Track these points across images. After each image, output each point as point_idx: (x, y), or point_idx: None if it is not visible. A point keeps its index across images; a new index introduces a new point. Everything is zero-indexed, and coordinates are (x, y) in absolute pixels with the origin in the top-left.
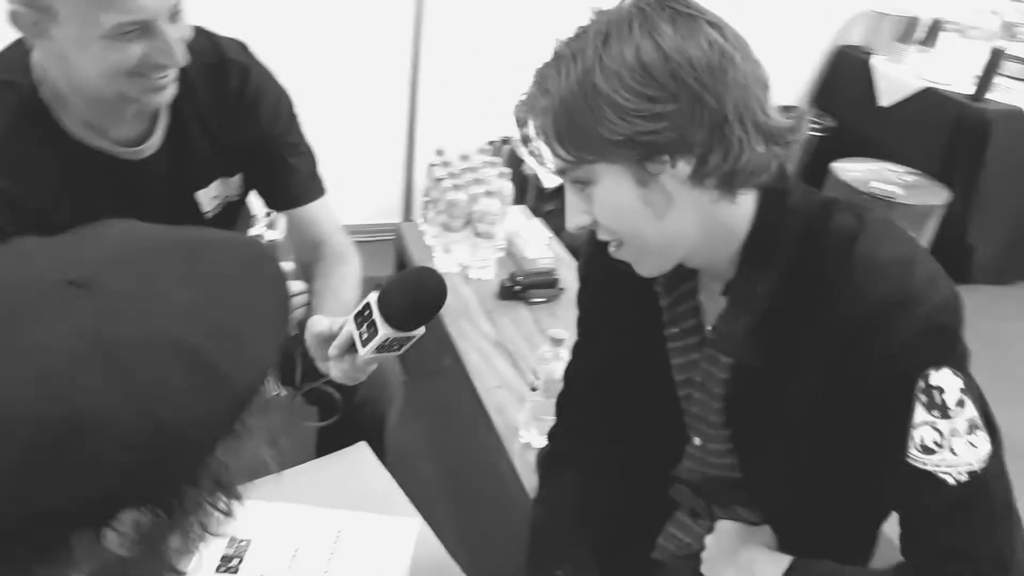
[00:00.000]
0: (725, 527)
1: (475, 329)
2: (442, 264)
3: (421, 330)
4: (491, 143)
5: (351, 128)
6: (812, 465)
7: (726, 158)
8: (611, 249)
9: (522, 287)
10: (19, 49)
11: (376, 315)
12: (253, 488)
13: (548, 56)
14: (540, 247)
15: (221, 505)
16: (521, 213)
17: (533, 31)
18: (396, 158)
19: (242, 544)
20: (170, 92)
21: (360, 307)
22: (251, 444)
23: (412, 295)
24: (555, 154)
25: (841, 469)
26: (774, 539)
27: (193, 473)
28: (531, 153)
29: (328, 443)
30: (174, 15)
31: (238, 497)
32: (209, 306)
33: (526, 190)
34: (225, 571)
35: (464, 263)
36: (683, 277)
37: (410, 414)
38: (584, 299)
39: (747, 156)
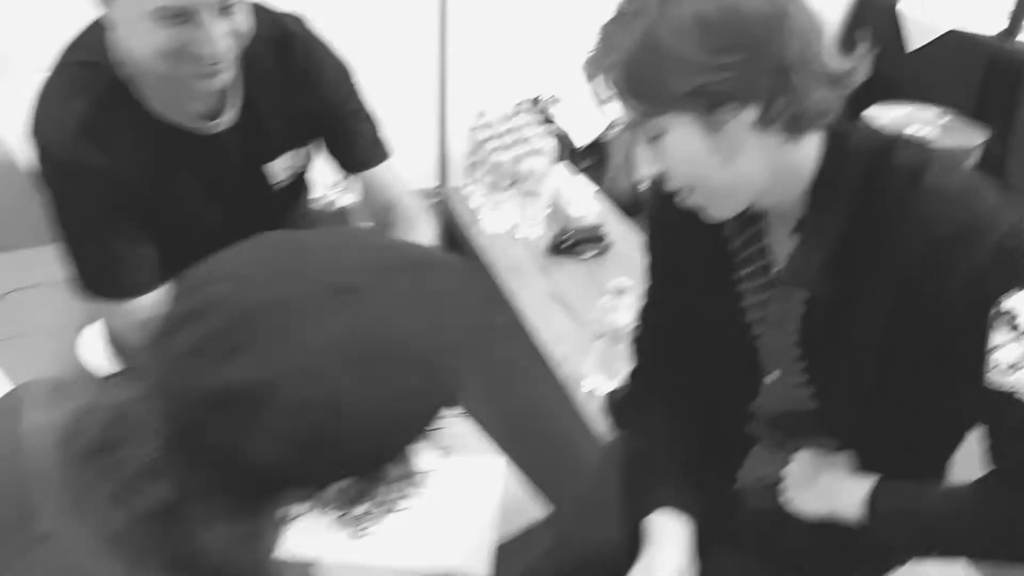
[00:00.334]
0: (804, 455)
1: (529, 285)
2: (490, 225)
3: None
4: (519, 104)
5: (382, 97)
6: (889, 392)
7: (790, 103)
8: (680, 197)
9: (572, 243)
10: (96, 31)
11: None
12: None
13: (611, 14)
14: (585, 203)
15: (403, 483)
16: (564, 170)
17: None
18: (429, 123)
19: None
20: (224, 78)
21: None
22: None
23: None
24: (625, 108)
25: (918, 394)
26: (853, 464)
27: (397, 456)
28: (601, 103)
29: None
30: (224, 8)
31: (417, 481)
32: (439, 323)
33: (559, 149)
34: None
35: (512, 223)
36: (751, 219)
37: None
38: (653, 245)
39: (810, 100)
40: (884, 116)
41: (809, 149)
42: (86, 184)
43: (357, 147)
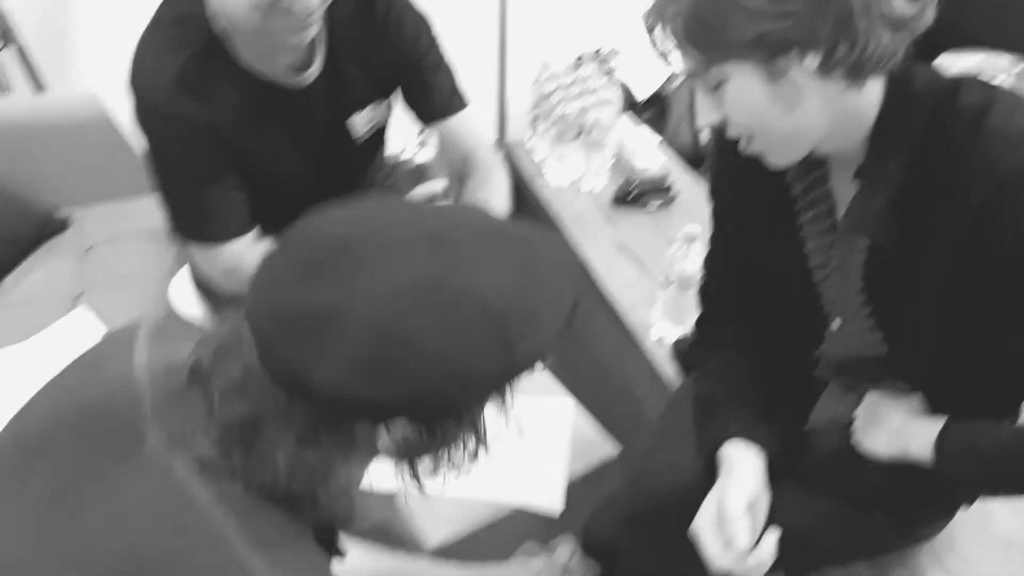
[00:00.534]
0: (875, 396)
1: (596, 237)
2: (554, 177)
3: None
4: (579, 58)
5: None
6: (957, 335)
7: (852, 49)
8: (742, 144)
9: (637, 194)
10: None
11: None
12: None
13: None
14: (649, 154)
15: (471, 447)
16: (628, 121)
17: None
18: (489, 78)
19: None
20: (313, 31)
21: None
22: (503, 409)
23: None
24: (686, 57)
25: (986, 337)
26: (923, 406)
27: (460, 413)
28: (661, 54)
29: None
30: None
31: (487, 445)
32: (524, 290)
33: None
34: None
35: (577, 175)
36: (813, 165)
37: None
38: (717, 193)
39: (873, 46)
40: (955, 65)
41: (871, 94)
42: (182, 133)
43: (435, 98)
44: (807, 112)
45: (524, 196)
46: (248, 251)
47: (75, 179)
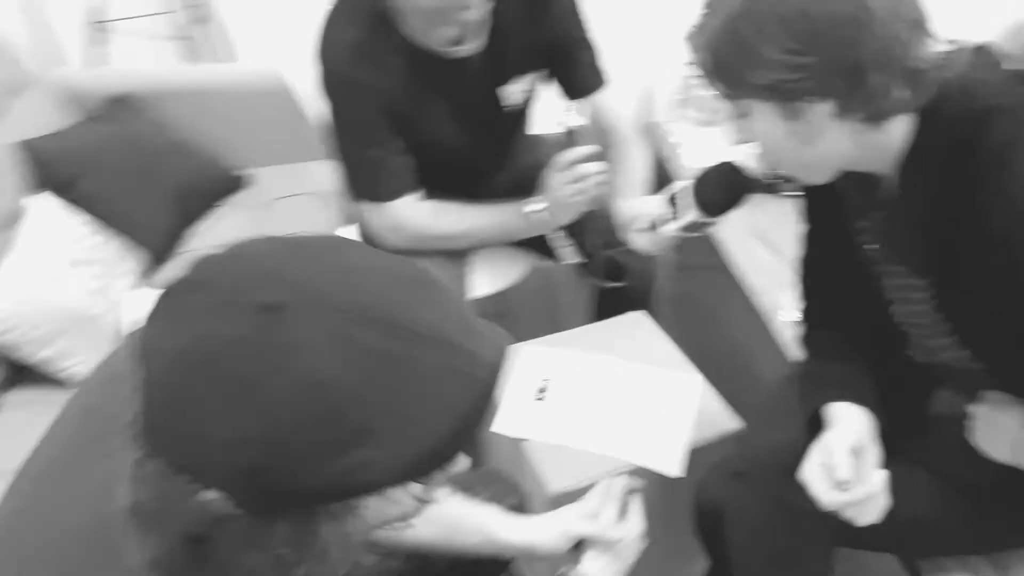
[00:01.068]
0: (994, 396)
1: (732, 220)
2: (691, 160)
3: (720, 219)
4: None
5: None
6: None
7: (866, 102)
8: (772, 166)
9: (774, 180)
10: None
11: (691, 198)
12: (553, 340)
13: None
14: None
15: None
16: None
17: None
18: (637, 60)
19: (547, 380)
20: (475, 13)
21: (675, 191)
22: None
23: (725, 187)
24: (713, 87)
25: None
26: None
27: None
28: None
29: (605, 310)
30: None
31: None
32: (446, 320)
33: None
34: (535, 400)
35: (714, 158)
36: (867, 183)
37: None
38: (806, 193)
39: (889, 98)
40: None
41: (897, 129)
42: (358, 97)
43: (579, 73)
44: (827, 146)
45: (665, 177)
46: (413, 209)
47: (255, 142)
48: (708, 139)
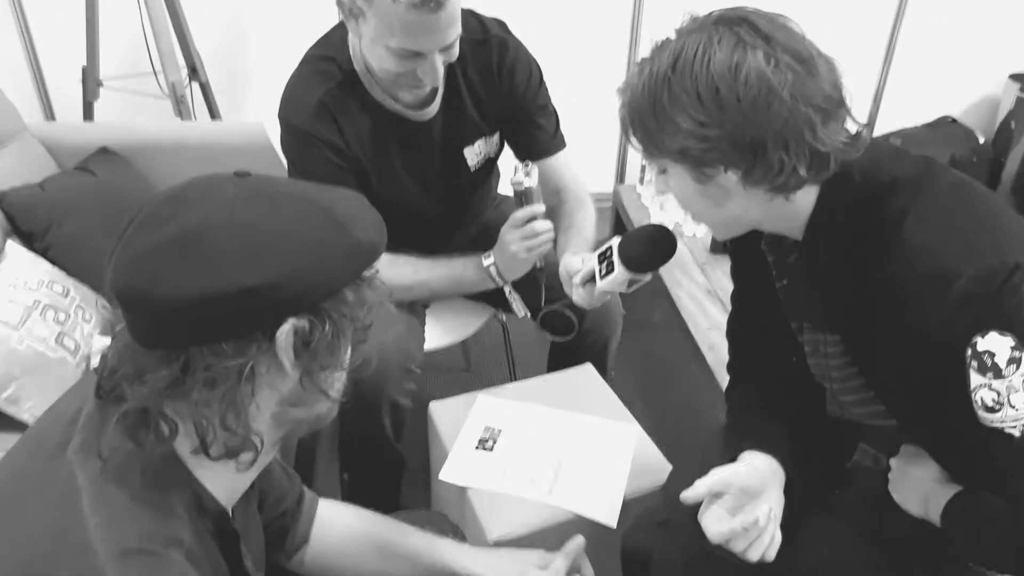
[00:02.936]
0: (909, 451)
1: (689, 279)
2: (656, 221)
3: (649, 276)
4: None
5: (571, 108)
6: (920, 417)
7: (767, 175)
8: (690, 216)
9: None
10: (339, 31)
11: (616, 257)
12: (503, 391)
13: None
14: None
15: (353, 335)
16: None
17: None
18: (611, 128)
19: (496, 430)
20: (430, 87)
21: (604, 248)
22: (373, 295)
23: (648, 245)
24: (629, 142)
25: (940, 424)
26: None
27: (332, 295)
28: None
29: (558, 362)
30: (445, 49)
31: (365, 330)
32: (333, 200)
33: None
34: (483, 450)
35: (678, 220)
36: (784, 237)
37: (620, 361)
38: (730, 252)
39: (790, 174)
40: None
41: (805, 197)
42: (317, 152)
43: (540, 138)
44: (737, 208)
45: None
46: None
47: None
48: (668, 203)
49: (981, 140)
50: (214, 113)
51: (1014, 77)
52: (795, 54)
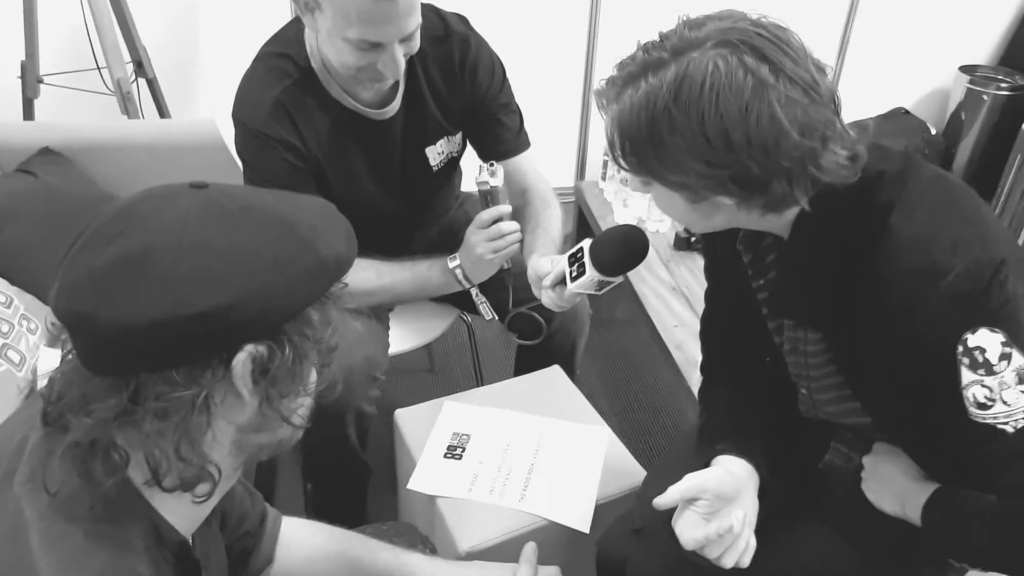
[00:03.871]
0: (882, 449)
1: (654, 276)
2: (620, 218)
3: (620, 278)
4: None
5: (532, 101)
6: (904, 417)
7: (767, 203)
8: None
9: (696, 239)
10: (294, 27)
11: (587, 259)
12: (470, 396)
13: (628, 56)
14: None
15: (318, 357)
16: None
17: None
18: (572, 125)
19: (464, 437)
20: (392, 80)
21: (574, 250)
22: (336, 314)
23: (620, 246)
24: (614, 159)
25: (925, 423)
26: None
27: (293, 317)
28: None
29: (525, 364)
30: (405, 39)
31: (330, 352)
32: (295, 212)
33: None
34: (451, 458)
35: (641, 217)
36: (761, 234)
37: (585, 358)
38: (704, 250)
39: (789, 201)
40: None
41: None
42: (271, 152)
43: (503, 137)
44: (725, 219)
45: (593, 234)
46: None
47: None
48: (633, 198)
49: (933, 131)
50: (162, 111)
51: (963, 69)
52: (802, 82)
